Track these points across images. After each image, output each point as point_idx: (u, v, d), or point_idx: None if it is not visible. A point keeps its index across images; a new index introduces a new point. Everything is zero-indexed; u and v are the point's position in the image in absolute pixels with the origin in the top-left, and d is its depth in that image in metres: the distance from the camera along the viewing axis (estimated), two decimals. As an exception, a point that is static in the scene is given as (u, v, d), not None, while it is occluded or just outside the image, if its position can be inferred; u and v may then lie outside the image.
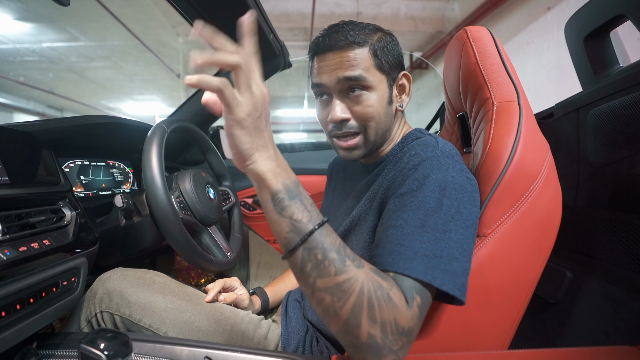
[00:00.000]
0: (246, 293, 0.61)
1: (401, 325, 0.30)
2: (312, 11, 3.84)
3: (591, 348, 0.37)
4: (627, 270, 0.53)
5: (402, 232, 0.34)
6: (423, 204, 0.35)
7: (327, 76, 0.43)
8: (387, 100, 0.45)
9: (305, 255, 0.30)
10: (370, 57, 0.42)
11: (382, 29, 0.46)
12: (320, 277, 0.30)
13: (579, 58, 0.69)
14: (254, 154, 0.29)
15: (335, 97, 0.44)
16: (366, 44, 0.42)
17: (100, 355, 0.30)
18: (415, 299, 0.31)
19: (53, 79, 5.54)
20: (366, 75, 0.42)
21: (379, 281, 0.30)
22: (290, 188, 0.30)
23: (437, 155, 0.39)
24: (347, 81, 0.42)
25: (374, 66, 0.43)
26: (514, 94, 0.43)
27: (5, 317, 0.35)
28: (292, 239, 0.30)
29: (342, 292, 0.29)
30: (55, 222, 0.46)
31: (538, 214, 0.39)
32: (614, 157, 0.58)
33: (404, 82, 0.48)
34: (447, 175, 0.37)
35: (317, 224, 0.30)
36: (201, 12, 0.70)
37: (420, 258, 0.32)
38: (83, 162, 0.71)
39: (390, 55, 0.44)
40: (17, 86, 5.28)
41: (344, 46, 0.42)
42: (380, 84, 0.44)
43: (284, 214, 0.30)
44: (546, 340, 0.63)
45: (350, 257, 0.31)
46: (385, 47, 0.44)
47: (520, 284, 0.41)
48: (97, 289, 0.50)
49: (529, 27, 2.79)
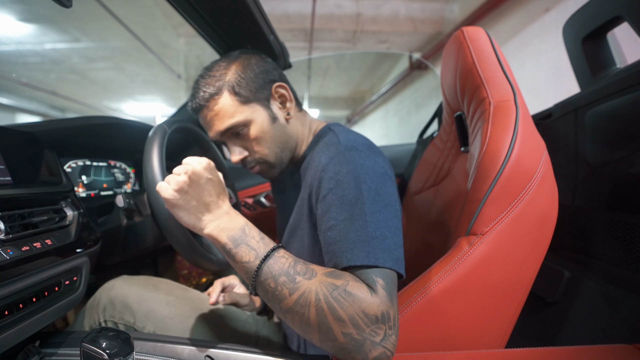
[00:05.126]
0: (245, 291, 0.61)
1: (372, 314, 0.30)
2: (312, 12, 3.85)
3: (589, 347, 0.37)
4: (625, 270, 0.53)
5: (337, 230, 0.36)
6: (344, 197, 0.37)
7: (211, 132, 0.49)
8: (270, 121, 0.48)
9: (262, 288, 0.34)
10: (231, 99, 0.45)
11: (244, 54, 0.49)
12: (280, 301, 0.33)
13: (577, 59, 0.70)
14: (197, 223, 0.36)
15: (228, 144, 0.50)
16: (222, 88, 0.45)
17: (102, 353, 0.30)
18: (378, 282, 0.32)
19: (55, 80, 5.56)
20: (235, 119, 0.46)
21: (332, 282, 0.32)
22: (235, 237, 0.35)
23: (342, 151, 0.41)
24: (225, 132, 0.47)
25: (239, 104, 0.46)
26: (510, 94, 0.44)
27: (8, 316, 0.35)
28: (247, 279, 0.35)
29: (302, 307, 0.31)
30: (57, 222, 0.47)
31: (535, 212, 0.40)
32: (611, 157, 0.58)
33: (282, 92, 0.50)
34: (355, 165, 0.39)
35: (262, 259, 0.34)
36: (201, 13, 0.70)
37: (359, 245, 0.34)
38: (85, 162, 0.72)
39: (251, 83, 0.47)
40: (20, 87, 5.29)
41: (204, 104, 0.46)
42: (254, 113, 0.47)
43: (236, 260, 0.35)
44: (544, 339, 0.63)
45: (301, 272, 0.33)
46: (243, 78, 0.46)
47: (518, 282, 0.41)
48: (101, 298, 0.50)
49: (527, 29, 2.80)
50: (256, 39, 0.79)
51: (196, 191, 0.36)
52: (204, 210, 0.37)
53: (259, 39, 0.79)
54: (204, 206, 0.37)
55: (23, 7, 3.63)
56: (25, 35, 4.07)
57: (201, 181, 0.37)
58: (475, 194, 0.41)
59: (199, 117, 0.50)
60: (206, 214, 0.37)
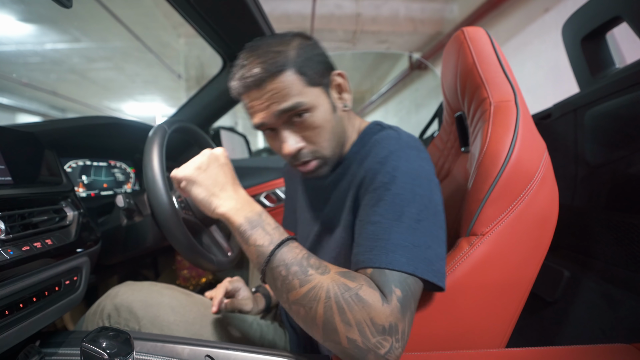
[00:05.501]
0: (249, 294, 0.60)
1: (380, 323, 0.29)
2: (312, 12, 3.86)
3: (588, 346, 0.37)
4: (624, 269, 0.53)
5: (381, 227, 0.34)
6: (398, 196, 0.35)
7: (264, 114, 0.40)
8: (331, 109, 0.42)
9: (272, 274, 0.33)
10: (297, 78, 0.39)
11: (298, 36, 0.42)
12: (289, 291, 0.32)
13: (576, 59, 0.70)
14: (213, 200, 0.36)
15: (281, 130, 0.41)
16: (287, 65, 0.38)
17: (102, 353, 0.30)
18: (394, 292, 0.30)
19: (56, 80, 5.56)
20: (301, 99, 0.39)
21: (345, 283, 0.31)
22: (252, 219, 0.35)
23: (403, 147, 0.39)
24: (285, 113, 0.39)
25: (305, 84, 0.39)
26: (511, 94, 0.44)
27: (9, 315, 0.35)
28: (258, 263, 0.34)
29: (310, 301, 0.30)
30: (57, 222, 0.47)
31: (535, 212, 0.40)
32: (611, 157, 0.58)
33: (340, 81, 0.44)
34: (415, 165, 0.37)
35: (277, 244, 0.33)
36: (201, 13, 0.70)
37: (401, 250, 0.32)
38: (85, 162, 0.72)
39: (315, 64, 0.40)
40: (21, 87, 5.30)
41: (266, 79, 0.38)
42: (318, 98, 0.40)
43: (249, 243, 0.34)
44: (544, 338, 0.63)
45: (314, 266, 0.32)
46: (308, 57, 0.40)
47: (518, 282, 0.41)
48: (105, 305, 0.50)
49: (527, 29, 2.80)
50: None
51: (214, 170, 0.37)
52: (220, 189, 0.37)
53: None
54: (220, 185, 0.37)
55: (23, 8, 3.63)
56: (25, 36, 4.07)
57: (220, 161, 0.38)
58: (475, 194, 0.41)
59: (249, 96, 0.40)
60: (222, 193, 0.37)
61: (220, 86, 0.96)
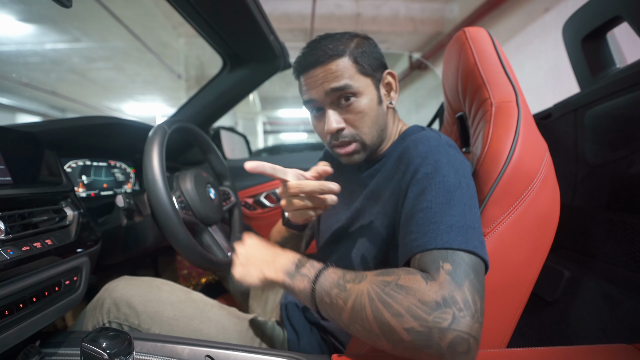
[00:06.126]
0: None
1: (430, 300, 0.28)
2: (312, 12, 3.86)
3: (588, 346, 0.37)
4: (625, 269, 0.53)
5: (431, 212, 0.34)
6: (443, 183, 0.35)
7: (316, 91, 0.44)
8: (377, 101, 0.46)
9: (323, 308, 0.35)
10: (352, 65, 0.43)
11: (359, 35, 0.47)
12: (340, 314, 0.32)
13: (577, 59, 0.70)
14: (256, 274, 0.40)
15: (327, 109, 0.45)
16: (345, 53, 0.43)
17: (102, 353, 0.30)
18: (442, 267, 0.30)
19: (55, 80, 5.56)
20: (352, 82, 0.43)
21: (383, 280, 0.31)
22: (289, 271, 0.38)
23: (443, 144, 0.40)
24: (335, 92, 0.43)
25: (358, 72, 0.44)
26: (512, 95, 0.44)
27: (8, 316, 0.35)
28: (311, 306, 0.36)
29: (359, 312, 0.30)
30: (57, 222, 0.47)
31: (536, 213, 0.40)
32: (611, 157, 0.58)
33: (390, 80, 0.48)
34: (456, 159, 0.38)
35: (313, 280, 0.36)
36: (201, 13, 0.70)
37: (456, 230, 0.32)
38: (85, 162, 0.72)
39: (370, 58, 0.45)
40: (20, 87, 5.30)
41: (325, 60, 0.43)
42: (367, 87, 0.44)
43: (296, 292, 0.37)
44: (544, 338, 0.63)
45: (350, 280, 0.33)
46: (365, 51, 0.44)
47: (519, 283, 0.41)
48: (104, 299, 0.50)
49: (527, 29, 2.80)
50: (256, 39, 0.79)
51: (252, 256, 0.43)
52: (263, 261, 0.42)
53: (259, 39, 0.79)
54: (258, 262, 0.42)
55: (23, 7, 3.63)
56: (25, 36, 4.07)
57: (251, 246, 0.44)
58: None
59: (307, 74, 0.45)
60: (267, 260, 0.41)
61: (220, 86, 0.96)
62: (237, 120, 7.45)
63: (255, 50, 0.86)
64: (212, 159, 0.77)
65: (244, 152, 1.55)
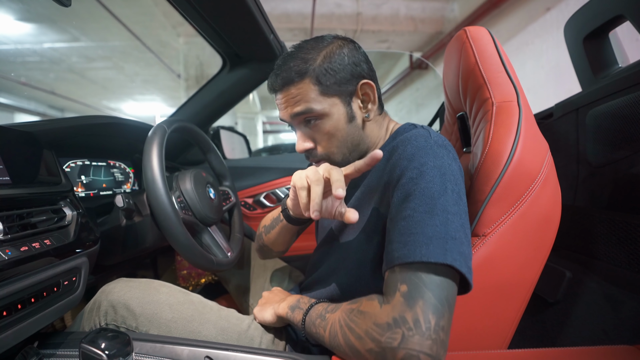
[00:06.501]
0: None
1: (383, 322, 0.30)
2: (312, 12, 3.85)
3: (590, 347, 0.37)
4: (626, 270, 0.53)
5: (413, 221, 0.33)
6: (427, 189, 0.34)
7: (282, 113, 0.47)
8: (346, 119, 0.45)
9: (312, 338, 0.41)
10: (314, 87, 0.42)
11: (335, 40, 0.45)
12: (323, 340, 0.37)
13: (578, 58, 0.69)
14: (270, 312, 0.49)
15: (296, 129, 0.48)
16: (306, 74, 0.42)
17: (101, 354, 0.30)
18: (399, 290, 0.31)
19: (54, 80, 5.55)
20: (313, 106, 0.43)
21: (350, 307, 0.35)
22: (292, 305, 0.45)
23: (431, 144, 0.38)
24: (297, 116, 0.45)
25: (320, 94, 0.43)
26: (513, 94, 0.44)
27: (7, 316, 0.35)
28: (303, 332, 0.42)
29: (334, 338, 0.35)
30: (56, 222, 0.47)
31: (537, 213, 0.40)
32: (613, 157, 0.58)
33: (367, 91, 0.46)
34: (444, 162, 0.37)
35: (305, 312, 0.42)
36: (201, 13, 0.70)
37: (435, 242, 0.31)
38: (84, 162, 0.72)
39: (339, 73, 0.43)
40: (19, 87, 5.29)
41: (286, 84, 0.44)
42: (332, 107, 0.44)
43: (294, 322, 0.44)
44: (545, 339, 0.63)
45: (330, 310, 0.38)
46: (330, 68, 0.43)
47: (520, 283, 0.41)
48: (101, 301, 0.50)
49: (528, 28, 2.80)
50: (256, 39, 0.79)
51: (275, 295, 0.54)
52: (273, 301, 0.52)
53: (259, 39, 0.79)
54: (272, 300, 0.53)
55: (22, 7, 3.62)
56: (24, 35, 4.06)
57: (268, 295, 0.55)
58: (477, 195, 0.41)
59: (275, 96, 0.47)
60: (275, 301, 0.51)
61: (220, 86, 0.95)
62: (236, 120, 7.44)
63: (255, 49, 0.86)
64: (212, 158, 0.77)
65: (244, 152, 1.55)
